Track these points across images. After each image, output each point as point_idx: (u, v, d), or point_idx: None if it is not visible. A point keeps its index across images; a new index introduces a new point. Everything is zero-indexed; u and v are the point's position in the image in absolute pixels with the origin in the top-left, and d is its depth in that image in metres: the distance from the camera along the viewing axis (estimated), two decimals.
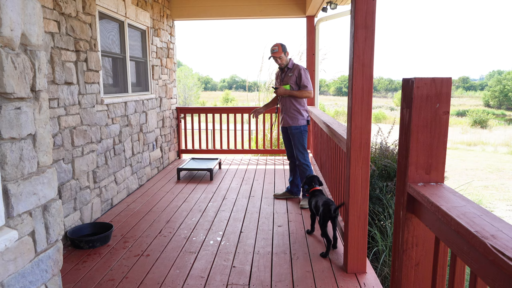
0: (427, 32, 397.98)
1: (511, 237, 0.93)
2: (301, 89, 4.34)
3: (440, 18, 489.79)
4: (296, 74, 4.33)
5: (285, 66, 4.43)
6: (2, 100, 1.43)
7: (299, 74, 4.31)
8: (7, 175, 1.45)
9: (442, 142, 1.36)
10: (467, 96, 67.05)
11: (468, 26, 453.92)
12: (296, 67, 4.37)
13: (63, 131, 3.45)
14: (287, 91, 4.37)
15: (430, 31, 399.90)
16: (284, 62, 4.39)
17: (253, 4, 6.71)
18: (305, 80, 4.30)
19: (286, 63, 4.41)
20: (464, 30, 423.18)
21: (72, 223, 3.60)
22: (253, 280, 2.77)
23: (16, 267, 1.49)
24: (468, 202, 1.18)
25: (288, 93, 4.37)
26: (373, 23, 2.52)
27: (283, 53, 4.33)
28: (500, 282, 0.90)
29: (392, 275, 1.56)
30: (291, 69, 4.39)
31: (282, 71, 4.52)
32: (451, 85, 1.36)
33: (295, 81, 4.34)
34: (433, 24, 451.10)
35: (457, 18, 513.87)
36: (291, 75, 4.36)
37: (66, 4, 3.47)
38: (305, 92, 4.32)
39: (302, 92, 4.33)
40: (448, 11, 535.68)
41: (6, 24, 1.42)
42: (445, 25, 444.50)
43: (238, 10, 6.76)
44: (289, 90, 4.36)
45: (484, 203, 9.10)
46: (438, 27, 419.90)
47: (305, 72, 4.34)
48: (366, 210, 2.77)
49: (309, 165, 4.41)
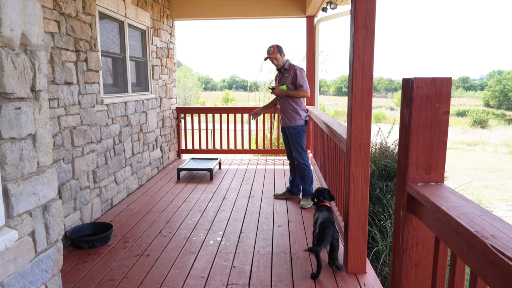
0: (427, 32, 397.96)
1: (511, 237, 0.93)
2: (297, 88, 4.35)
3: (440, 18, 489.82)
4: (292, 74, 4.34)
5: (281, 67, 4.45)
6: (2, 100, 1.43)
7: (295, 74, 4.32)
8: (7, 175, 1.45)
9: (442, 142, 1.36)
10: (467, 96, 67.08)
11: (468, 26, 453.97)
12: (292, 67, 4.39)
13: (63, 131, 3.45)
14: (283, 91, 4.38)
15: (430, 31, 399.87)
16: (281, 63, 4.41)
17: (252, 4, 6.71)
18: (300, 79, 4.31)
19: (283, 64, 4.43)
20: (464, 30, 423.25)
21: (72, 223, 3.60)
22: (253, 280, 2.77)
23: (16, 267, 1.49)
24: (468, 202, 1.18)
25: (285, 93, 4.38)
26: (373, 23, 2.52)
27: (278, 54, 4.35)
28: (500, 282, 0.90)
29: (392, 275, 1.56)
30: (288, 69, 4.41)
31: (279, 72, 4.54)
32: (451, 85, 1.36)
33: (291, 81, 4.35)
34: (433, 24, 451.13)
35: (457, 18, 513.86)
36: (288, 75, 4.37)
37: (66, 4, 3.47)
38: (301, 92, 4.34)
39: (298, 92, 4.34)
40: (448, 11, 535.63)
41: (6, 24, 1.42)
42: (445, 25, 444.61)
43: (238, 10, 6.76)
44: (285, 90, 4.36)
45: (484, 203, 9.10)
46: (438, 27, 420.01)
47: (300, 72, 4.34)
48: (366, 210, 2.77)
49: (308, 165, 4.41)
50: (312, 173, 4.45)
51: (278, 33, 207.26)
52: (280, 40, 57.00)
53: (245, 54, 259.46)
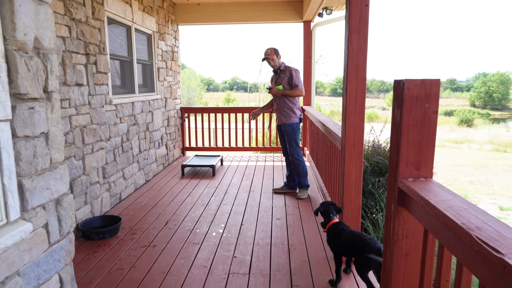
0: (417, 36, 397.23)
1: (495, 229, 0.93)
2: (293, 88, 4.40)
3: (429, 23, 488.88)
4: (288, 75, 4.40)
5: (277, 68, 4.51)
6: (16, 100, 1.43)
7: (291, 75, 4.38)
8: (22, 171, 1.45)
9: (431, 140, 1.36)
10: (454, 97, 66.94)
11: (455, 31, 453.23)
12: (287, 68, 4.45)
13: (74, 129, 3.45)
14: (280, 90, 4.44)
15: (420, 35, 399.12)
16: (277, 64, 4.46)
17: (252, 10, 6.69)
18: (296, 79, 4.37)
19: (279, 66, 4.49)
20: (452, 34, 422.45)
21: (83, 216, 3.60)
22: (253, 269, 2.78)
23: (31, 257, 1.50)
24: (455, 196, 1.18)
25: (281, 92, 4.43)
26: (366, 27, 2.52)
27: (275, 56, 4.41)
28: (484, 270, 0.90)
29: (383, 264, 1.57)
30: (283, 70, 4.47)
31: (275, 73, 4.59)
32: (439, 86, 1.36)
33: (287, 81, 4.42)
34: (423, 28, 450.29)
35: (446, 23, 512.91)
36: (284, 76, 4.43)
37: (77, 10, 3.46)
38: (297, 91, 4.39)
39: (294, 91, 4.39)
40: (437, 16, 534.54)
41: (20, 28, 1.42)
42: (434, 29, 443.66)
43: (239, 15, 6.74)
44: (282, 90, 4.42)
45: (470, 197, 9.11)
46: (427, 32, 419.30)
47: (296, 73, 4.40)
48: (359, 204, 2.77)
49: (302, 160, 4.45)
50: (306, 167, 4.49)
51: (277, 38, 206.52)
52: (278, 43, 56.75)
53: (246, 57, 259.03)
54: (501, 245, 0.85)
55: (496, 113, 52.27)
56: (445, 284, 1.21)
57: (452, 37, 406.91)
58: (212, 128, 7.41)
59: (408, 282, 1.45)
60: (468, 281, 1.06)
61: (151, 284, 2.58)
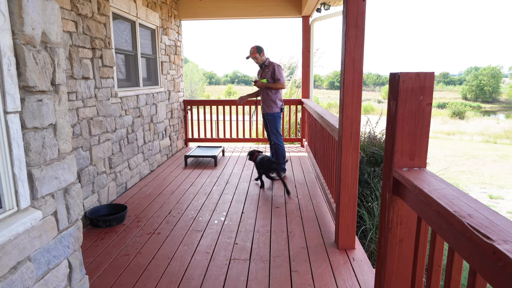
0: (412, 31, 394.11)
1: (486, 216, 0.93)
2: (275, 81, 4.73)
3: (424, 19, 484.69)
4: (271, 70, 4.72)
5: (262, 63, 4.83)
6: (25, 93, 1.42)
7: (273, 69, 4.70)
8: (31, 161, 1.45)
9: (425, 131, 1.35)
10: (447, 90, 66.67)
11: (449, 26, 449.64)
12: (271, 64, 4.77)
13: (81, 121, 3.44)
14: (264, 83, 4.77)
15: (414, 30, 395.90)
16: (260, 61, 4.80)
17: (252, 5, 6.63)
18: (278, 74, 4.69)
19: (263, 62, 4.81)
20: (445, 29, 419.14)
21: (91, 204, 3.61)
22: (254, 255, 2.80)
23: (41, 243, 1.50)
24: (447, 185, 1.18)
25: (265, 85, 4.77)
26: (363, 22, 2.49)
27: (257, 54, 4.74)
28: (475, 256, 0.91)
29: (378, 250, 1.57)
30: (268, 66, 4.79)
31: (261, 68, 4.92)
32: (433, 79, 1.35)
33: (270, 75, 4.74)
34: (417, 23, 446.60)
35: (439, 18, 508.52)
36: (268, 70, 4.76)
37: (83, 5, 3.43)
38: (278, 84, 4.72)
39: (276, 84, 4.72)
40: (431, 12, 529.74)
41: (28, 23, 1.40)
42: (428, 24, 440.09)
43: (239, 10, 6.69)
44: (265, 83, 4.76)
45: (461, 187, 9.13)
46: (422, 27, 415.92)
47: (278, 68, 4.72)
48: (356, 192, 2.78)
49: (282, 145, 4.84)
50: (284, 151, 4.87)
51: (276, 32, 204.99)
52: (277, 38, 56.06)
53: (246, 51, 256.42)
54: (491, 231, 0.85)
55: (487, 105, 52.16)
56: (437, 269, 1.22)
57: (445, 32, 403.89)
58: (214, 120, 7.40)
59: (402, 267, 1.46)
60: (459, 266, 1.06)
61: (156, 269, 2.60)
